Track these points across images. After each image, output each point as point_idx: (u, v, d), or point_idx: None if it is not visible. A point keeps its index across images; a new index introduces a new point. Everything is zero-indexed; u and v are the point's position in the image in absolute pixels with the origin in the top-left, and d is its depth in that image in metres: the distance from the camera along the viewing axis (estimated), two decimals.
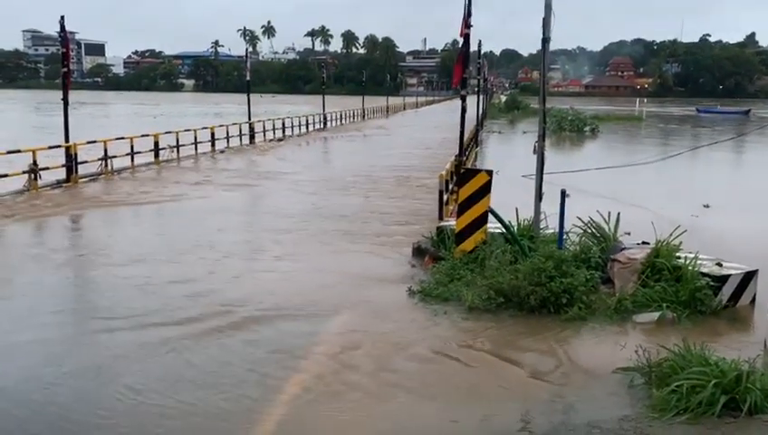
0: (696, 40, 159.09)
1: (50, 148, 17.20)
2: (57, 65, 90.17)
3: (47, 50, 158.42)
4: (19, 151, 16.37)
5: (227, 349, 6.49)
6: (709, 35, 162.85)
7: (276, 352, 6.43)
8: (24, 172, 15.83)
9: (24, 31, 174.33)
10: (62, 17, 17.08)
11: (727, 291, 7.75)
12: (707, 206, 14.32)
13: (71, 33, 52.20)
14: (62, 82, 18.02)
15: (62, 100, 17.69)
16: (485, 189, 8.94)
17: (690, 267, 7.77)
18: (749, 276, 7.91)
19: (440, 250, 9.43)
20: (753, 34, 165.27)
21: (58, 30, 17.50)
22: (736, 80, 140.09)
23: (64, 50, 18.02)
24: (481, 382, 5.91)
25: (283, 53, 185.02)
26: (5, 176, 15.32)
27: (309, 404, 5.44)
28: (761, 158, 29.80)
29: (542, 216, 9.36)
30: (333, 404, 5.45)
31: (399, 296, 8.07)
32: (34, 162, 15.95)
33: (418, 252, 9.91)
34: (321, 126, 43.57)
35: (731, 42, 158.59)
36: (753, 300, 7.93)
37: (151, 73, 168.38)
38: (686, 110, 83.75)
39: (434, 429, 5.17)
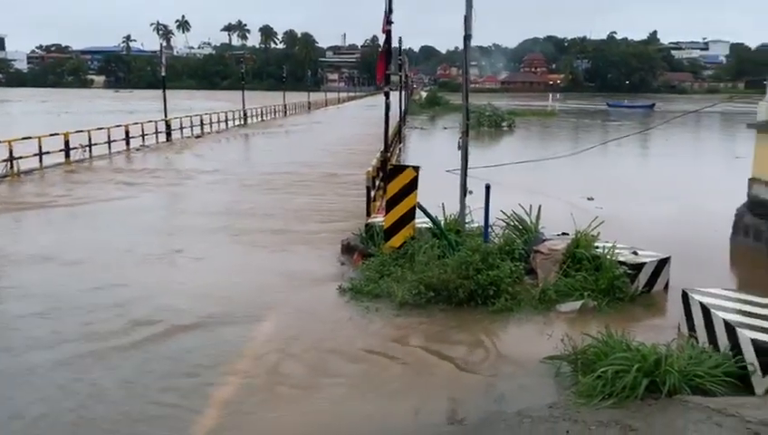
0: (604, 37, 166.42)
1: None
2: None
3: None
4: None
5: (153, 358, 6.24)
6: (616, 33, 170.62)
7: (205, 358, 6.23)
8: None
9: None
10: None
11: (643, 278, 8.14)
12: (591, 198, 14.67)
13: None
14: None
15: None
16: (413, 185, 9.01)
17: (608, 256, 8.12)
18: (662, 263, 8.34)
19: (369, 247, 9.44)
20: (655, 32, 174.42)
21: None
22: (641, 75, 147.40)
23: None
24: (413, 377, 5.95)
25: (199, 47, 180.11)
26: None
27: (241, 407, 5.31)
28: (666, 150, 31.47)
29: (468, 210, 9.52)
30: (266, 405, 5.36)
31: (330, 295, 8.02)
32: None
33: (348, 249, 9.88)
34: (242, 122, 42.74)
35: (636, 39, 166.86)
36: (667, 285, 8.37)
37: (58, 69, 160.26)
38: (597, 104, 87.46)
39: (367, 423, 5.17)
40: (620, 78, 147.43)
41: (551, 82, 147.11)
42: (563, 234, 9.16)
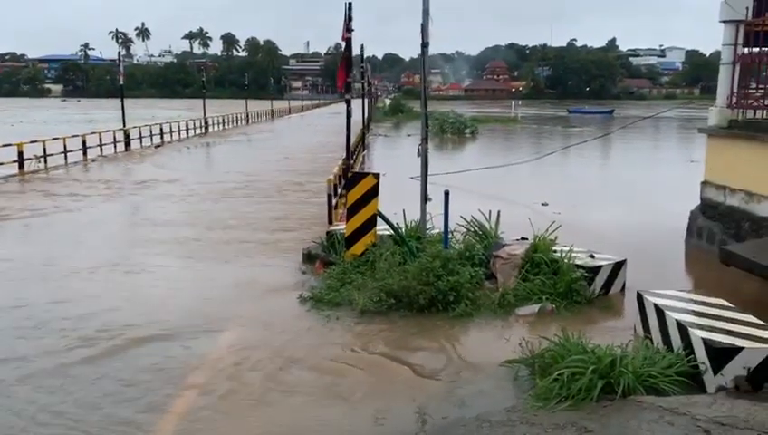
0: (565, 45, 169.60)
1: None
2: None
3: None
4: None
5: (108, 373, 6.09)
6: (576, 40, 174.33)
7: (162, 371, 6.11)
8: None
9: None
10: None
11: (600, 281, 8.28)
12: (546, 204, 14.85)
13: None
14: None
15: None
16: (373, 192, 9.01)
17: (566, 260, 8.24)
18: (618, 266, 8.50)
19: (331, 255, 9.41)
20: (614, 40, 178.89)
21: None
22: (601, 82, 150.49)
23: None
24: (375, 384, 5.93)
25: (160, 56, 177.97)
26: None
27: (198, 419, 5.23)
28: (624, 155, 32.14)
29: (429, 216, 9.57)
30: (224, 417, 5.28)
31: (291, 304, 7.96)
32: None
33: (309, 258, 9.83)
34: (203, 131, 42.29)
35: (595, 46, 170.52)
36: (623, 288, 8.52)
37: (13, 78, 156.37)
38: (558, 110, 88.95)
39: (327, 432, 5.13)
40: (581, 84, 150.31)
41: (513, 89, 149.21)
42: (522, 239, 9.28)
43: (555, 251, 8.51)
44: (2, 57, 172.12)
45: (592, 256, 8.59)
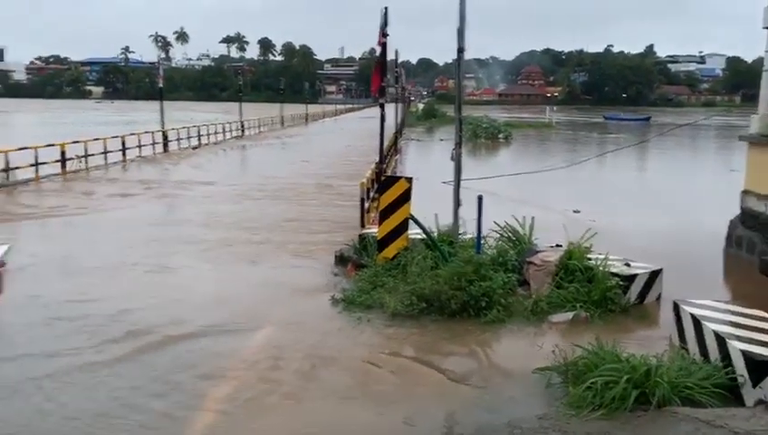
0: (601, 50, 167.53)
1: None
2: None
3: None
4: None
5: (148, 368, 6.22)
6: (612, 46, 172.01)
7: (199, 368, 6.21)
8: None
9: None
10: None
11: (635, 290, 8.15)
12: (577, 211, 14.67)
13: None
14: None
15: None
16: (406, 196, 9.03)
17: (601, 268, 8.13)
18: (654, 275, 8.36)
19: (362, 258, 9.44)
20: (651, 45, 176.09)
21: None
22: (638, 88, 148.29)
23: None
24: (405, 387, 5.94)
25: (198, 59, 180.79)
26: None
27: (234, 413, 5.32)
28: (661, 163, 31.59)
29: (462, 221, 9.54)
30: (256, 414, 5.35)
31: (323, 306, 8.01)
32: None
33: (341, 260, 9.88)
34: (239, 134, 42.84)
35: (633, 52, 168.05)
36: (659, 297, 8.38)
37: (56, 80, 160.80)
38: (593, 117, 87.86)
39: (358, 430, 5.16)
40: (617, 91, 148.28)
41: (548, 95, 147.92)
42: (557, 245, 9.18)
43: (590, 259, 8.40)
44: (46, 60, 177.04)
45: (628, 265, 8.46)
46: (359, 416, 5.39)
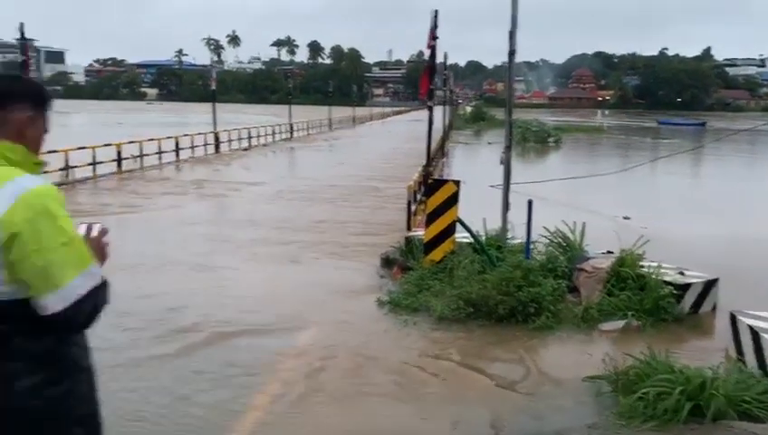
0: (655, 53, 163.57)
1: None
2: (15, 73, 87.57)
3: (4, 57, 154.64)
4: None
5: (195, 365, 6.35)
6: (667, 49, 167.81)
7: (241, 369, 6.28)
8: None
9: None
10: (22, 24, 16.81)
11: (689, 299, 7.92)
12: (628, 217, 14.29)
13: (30, 40, 51.12)
14: None
15: None
16: (453, 199, 8.99)
17: (654, 276, 7.92)
18: (710, 285, 8.10)
19: (409, 260, 9.43)
20: (708, 48, 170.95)
21: (17, 37, 17.17)
22: (693, 93, 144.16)
23: (24, 57, 17.68)
24: (451, 391, 5.91)
25: (249, 62, 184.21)
26: None
27: (280, 412, 5.38)
28: (716, 168, 30.65)
29: (510, 225, 9.45)
30: (305, 410, 5.41)
31: (368, 307, 8.04)
32: None
33: (387, 262, 9.90)
34: (288, 136, 43.41)
35: (688, 55, 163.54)
36: (715, 308, 8.12)
37: (113, 82, 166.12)
38: (647, 121, 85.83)
39: (403, 432, 5.16)
40: (671, 95, 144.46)
41: (599, 99, 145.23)
42: (608, 252, 8.99)
43: (642, 266, 8.20)
44: (104, 62, 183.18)
45: (682, 273, 8.22)
46: (404, 419, 5.39)
